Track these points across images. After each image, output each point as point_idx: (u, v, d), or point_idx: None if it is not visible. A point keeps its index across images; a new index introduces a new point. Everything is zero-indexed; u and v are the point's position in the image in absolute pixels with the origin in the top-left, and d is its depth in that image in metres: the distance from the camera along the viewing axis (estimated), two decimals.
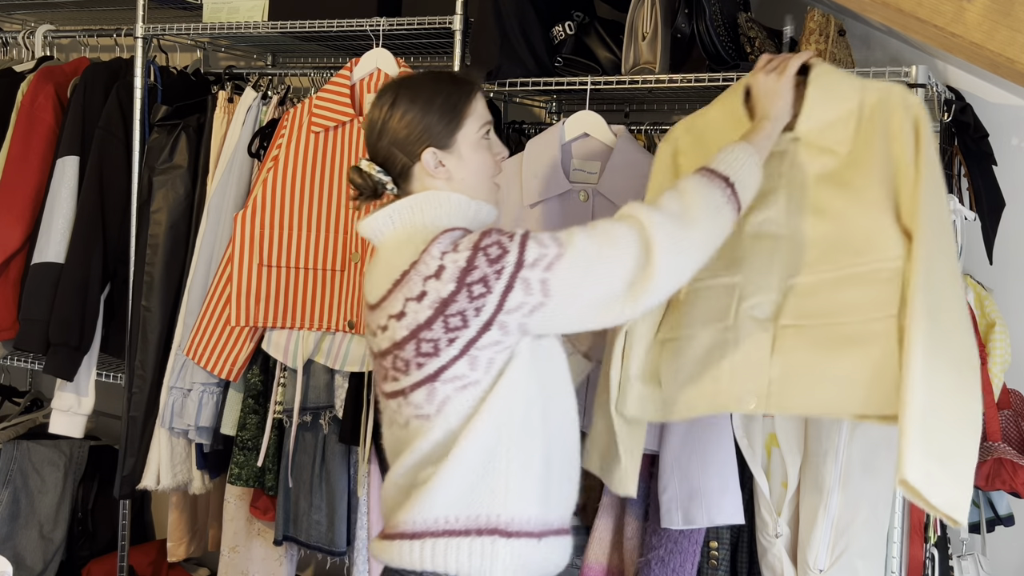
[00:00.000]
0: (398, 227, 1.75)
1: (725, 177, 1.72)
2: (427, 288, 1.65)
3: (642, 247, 1.64)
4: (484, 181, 1.80)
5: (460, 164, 1.76)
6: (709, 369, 1.92)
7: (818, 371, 1.84)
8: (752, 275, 1.92)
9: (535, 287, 1.63)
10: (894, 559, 2.07)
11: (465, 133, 1.76)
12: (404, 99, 1.76)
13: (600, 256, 1.64)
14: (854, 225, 1.87)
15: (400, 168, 1.77)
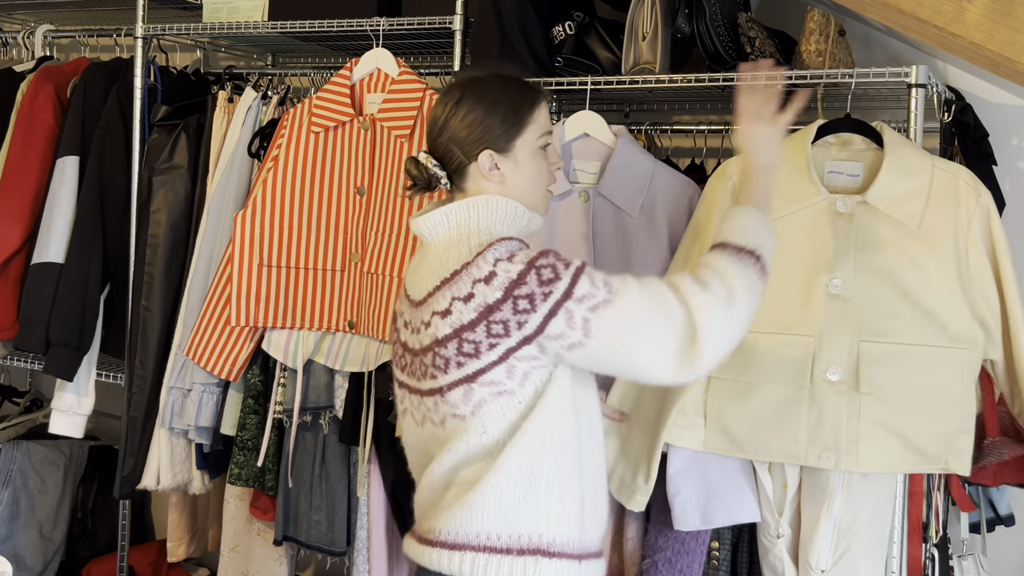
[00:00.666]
0: (452, 227, 1.76)
1: (752, 251, 1.74)
2: (475, 291, 1.67)
3: (688, 325, 1.65)
4: (537, 189, 1.81)
5: (515, 169, 1.78)
6: (786, 424, 2.04)
7: (894, 437, 2.00)
8: (824, 337, 2.02)
9: (577, 323, 1.64)
10: (894, 559, 2.07)
11: (524, 140, 1.77)
12: (470, 98, 1.77)
13: (649, 317, 1.65)
14: (924, 302, 2.00)
15: (456, 165, 1.79)
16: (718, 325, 1.65)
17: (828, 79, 2.17)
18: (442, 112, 1.79)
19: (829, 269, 2.03)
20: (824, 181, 2.10)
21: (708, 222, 2.12)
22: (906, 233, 2.01)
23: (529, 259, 1.66)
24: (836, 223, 2.04)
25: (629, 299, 1.65)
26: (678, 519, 2.10)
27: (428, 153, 1.80)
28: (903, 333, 2.00)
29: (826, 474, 2.05)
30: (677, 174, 2.28)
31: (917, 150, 2.07)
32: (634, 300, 1.65)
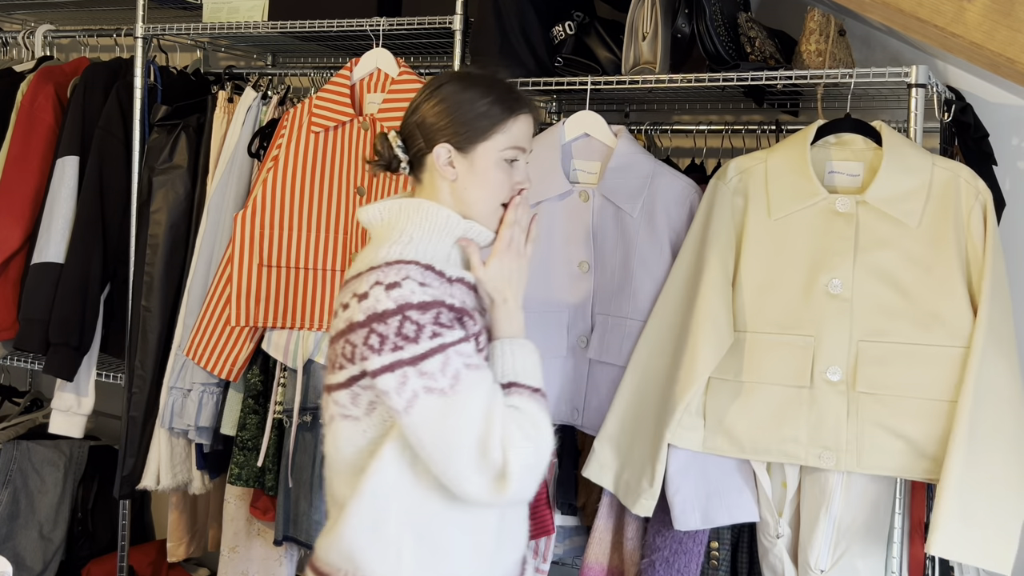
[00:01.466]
0: (385, 223, 1.75)
1: (541, 390, 1.70)
2: (351, 302, 1.64)
3: (499, 472, 1.58)
4: (488, 200, 1.75)
5: (470, 172, 1.74)
6: (786, 424, 2.04)
7: (895, 439, 1.99)
8: (824, 337, 2.03)
9: (406, 393, 1.58)
10: (894, 559, 2.07)
11: (489, 146, 1.73)
12: (449, 89, 1.75)
13: (468, 439, 1.58)
14: (926, 302, 1.99)
15: (416, 151, 1.76)
16: (528, 467, 1.60)
17: (828, 79, 2.17)
18: (421, 95, 1.78)
19: (829, 269, 2.03)
20: (824, 181, 2.10)
21: (710, 224, 2.12)
22: (906, 233, 2.01)
23: (404, 303, 1.59)
24: (836, 223, 2.04)
25: (463, 407, 1.58)
26: (678, 519, 2.10)
27: (398, 132, 1.79)
28: (903, 333, 1.99)
29: (825, 474, 2.05)
30: (677, 174, 2.28)
31: (917, 149, 2.07)
32: (467, 414, 1.58)
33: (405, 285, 1.60)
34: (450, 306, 1.63)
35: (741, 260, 2.11)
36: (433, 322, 1.59)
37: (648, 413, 2.14)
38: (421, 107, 1.76)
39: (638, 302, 2.20)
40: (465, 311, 1.66)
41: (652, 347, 2.15)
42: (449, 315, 1.62)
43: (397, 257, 1.64)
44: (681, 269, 2.15)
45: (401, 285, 1.60)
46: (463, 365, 1.60)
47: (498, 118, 1.73)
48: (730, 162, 2.16)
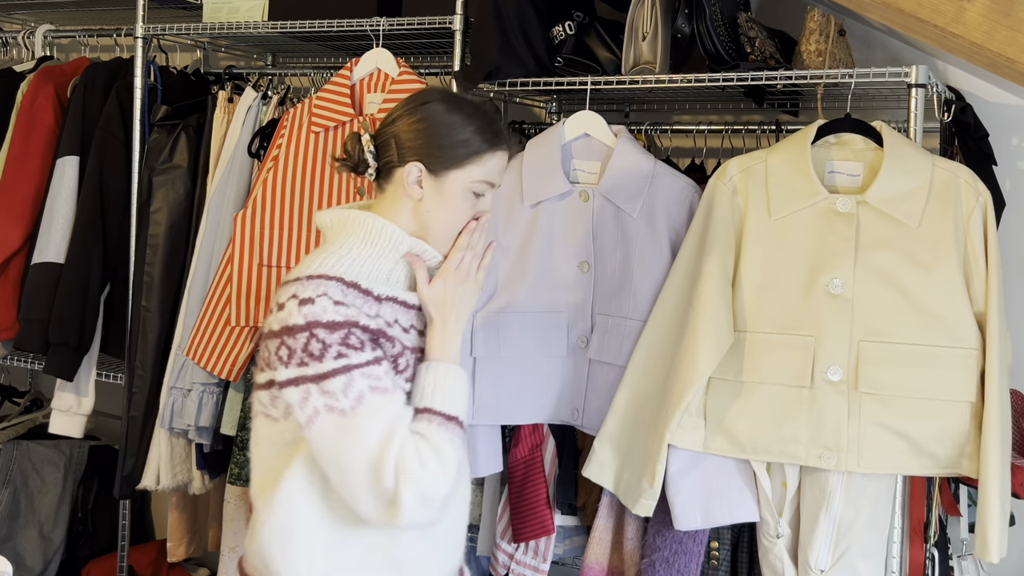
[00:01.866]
0: (332, 231, 1.75)
1: (457, 418, 1.69)
2: (272, 307, 1.65)
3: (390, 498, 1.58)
4: (447, 227, 1.75)
5: (436, 197, 1.73)
6: (787, 424, 2.04)
7: (896, 438, 2.00)
8: (824, 337, 2.03)
9: (308, 409, 1.59)
10: (894, 559, 2.07)
11: (461, 175, 1.72)
12: (434, 108, 1.73)
13: (361, 462, 1.58)
14: (926, 302, 2.00)
15: (386, 161, 1.75)
16: (421, 497, 1.58)
17: (828, 79, 2.17)
18: (404, 107, 1.76)
19: (829, 269, 2.03)
20: (824, 181, 2.10)
21: (709, 224, 2.12)
22: (906, 233, 2.01)
23: (313, 320, 1.58)
24: (836, 223, 2.04)
25: (362, 430, 1.57)
26: (678, 518, 2.10)
27: (372, 137, 1.78)
28: (904, 333, 2.00)
29: (825, 474, 2.05)
30: (677, 174, 2.28)
31: (917, 150, 2.07)
32: (364, 437, 1.57)
33: (318, 302, 1.60)
34: (364, 327, 1.62)
35: (741, 260, 2.11)
36: (340, 342, 1.58)
37: (648, 413, 2.14)
38: (402, 120, 1.74)
39: (638, 302, 2.20)
40: (382, 333, 1.64)
41: (652, 347, 2.15)
42: (361, 336, 1.61)
43: (321, 272, 1.63)
44: (680, 269, 2.15)
45: (314, 302, 1.60)
46: (368, 387, 1.59)
47: (476, 149, 1.72)
48: (730, 162, 2.16)
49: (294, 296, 1.61)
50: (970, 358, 1.98)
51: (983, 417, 1.96)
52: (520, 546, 2.35)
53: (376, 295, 1.66)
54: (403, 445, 1.59)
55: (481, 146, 1.73)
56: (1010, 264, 2.44)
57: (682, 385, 2.05)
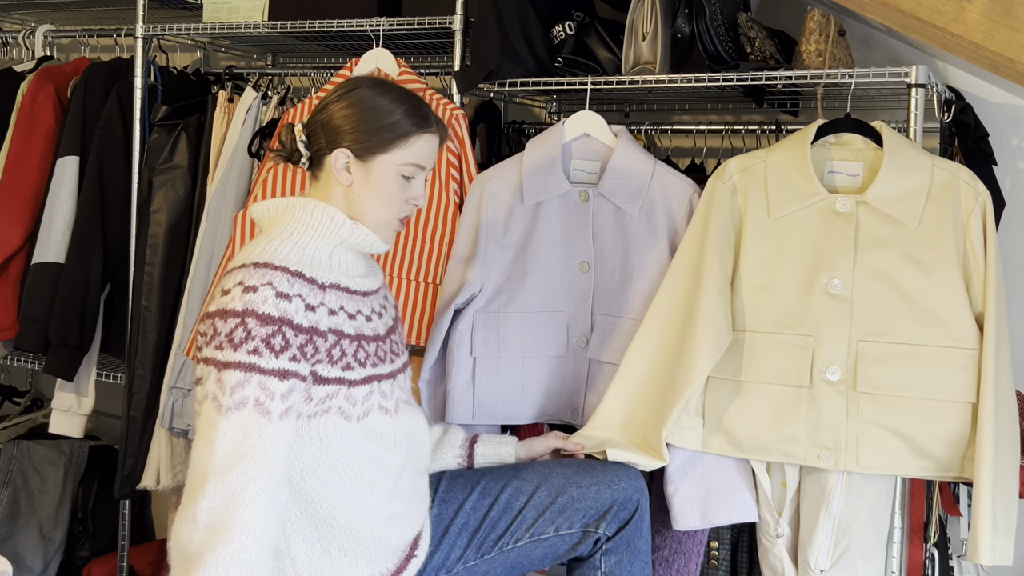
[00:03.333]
0: (271, 219, 1.75)
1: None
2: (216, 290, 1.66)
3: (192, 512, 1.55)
4: (380, 211, 1.76)
5: (365, 182, 1.75)
6: (785, 423, 2.04)
7: (895, 438, 2.00)
8: (823, 337, 2.03)
9: (203, 390, 1.60)
10: (894, 559, 2.07)
11: (387, 159, 1.74)
12: (360, 94, 1.75)
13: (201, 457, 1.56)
14: (925, 302, 2.00)
15: (317, 149, 1.77)
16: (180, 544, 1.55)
17: (828, 79, 2.17)
18: (332, 94, 1.78)
19: (829, 269, 2.03)
20: (824, 181, 2.11)
21: (708, 223, 2.12)
22: (906, 233, 2.01)
23: (251, 309, 1.58)
24: (836, 223, 2.04)
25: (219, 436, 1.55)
26: (677, 518, 2.10)
27: (304, 126, 1.79)
28: (903, 333, 2.00)
29: (825, 474, 2.05)
30: (677, 174, 2.28)
31: (917, 150, 2.07)
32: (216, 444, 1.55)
33: (261, 291, 1.60)
34: (297, 326, 1.61)
35: (740, 260, 2.11)
36: (263, 339, 1.58)
37: (642, 412, 2.13)
38: (330, 107, 1.76)
39: (638, 302, 2.20)
40: (315, 330, 1.64)
41: (648, 345, 2.15)
42: (289, 337, 1.60)
43: (267, 259, 1.64)
44: (679, 268, 2.15)
45: (257, 291, 1.60)
46: (254, 400, 1.57)
47: (403, 133, 1.74)
48: (729, 161, 2.16)
49: (240, 283, 1.61)
50: (969, 359, 1.98)
51: (979, 418, 1.95)
52: None
53: (320, 283, 1.67)
54: (245, 476, 1.54)
55: (408, 129, 1.74)
56: (1010, 264, 2.44)
57: (680, 384, 2.05)
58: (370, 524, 1.73)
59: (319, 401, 1.66)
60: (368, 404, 1.71)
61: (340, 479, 1.70)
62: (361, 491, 1.72)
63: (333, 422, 1.68)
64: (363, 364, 1.71)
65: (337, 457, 1.70)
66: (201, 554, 1.52)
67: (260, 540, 1.54)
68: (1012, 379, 2.00)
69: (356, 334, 1.71)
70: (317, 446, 1.68)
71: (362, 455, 1.72)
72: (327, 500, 1.69)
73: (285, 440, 1.59)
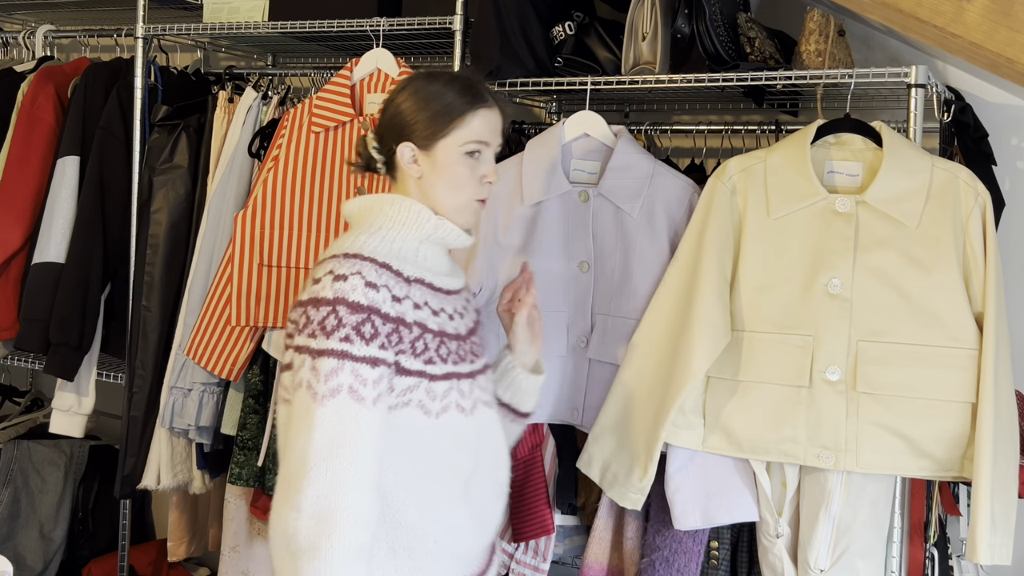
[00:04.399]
0: (360, 214, 1.79)
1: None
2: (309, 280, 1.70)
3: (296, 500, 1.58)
4: (453, 195, 1.77)
5: (433, 170, 1.76)
6: (785, 423, 2.04)
7: (894, 438, 2.00)
8: (823, 337, 2.03)
9: (297, 377, 1.61)
10: (894, 559, 2.07)
11: (449, 142, 1.75)
12: (412, 89, 1.78)
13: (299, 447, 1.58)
14: (925, 302, 2.00)
15: (387, 150, 1.80)
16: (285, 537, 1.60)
17: (828, 79, 2.17)
18: (391, 96, 1.81)
19: (829, 269, 2.03)
20: (823, 181, 2.11)
21: (707, 223, 2.12)
22: (905, 233, 2.02)
23: (341, 297, 1.61)
24: (835, 223, 2.04)
25: (316, 424, 1.57)
26: (678, 518, 2.10)
27: (374, 133, 1.82)
28: (902, 333, 2.00)
29: (825, 474, 2.05)
30: (677, 174, 2.28)
31: (916, 150, 2.07)
32: (313, 432, 1.57)
33: (351, 280, 1.63)
34: (385, 315, 1.64)
35: (740, 259, 2.11)
36: (354, 326, 1.61)
37: (641, 409, 2.13)
38: (389, 107, 1.80)
39: (638, 302, 2.20)
40: (402, 320, 1.66)
41: (647, 344, 2.15)
42: (378, 326, 1.62)
43: (356, 250, 1.68)
44: (677, 267, 2.15)
45: (347, 279, 1.63)
46: (348, 387, 1.59)
47: (456, 114, 1.75)
48: (729, 161, 2.16)
49: (330, 272, 1.65)
50: (969, 359, 1.98)
51: (978, 418, 1.95)
52: (520, 546, 2.35)
53: (406, 276, 1.70)
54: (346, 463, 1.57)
55: (462, 108, 1.75)
56: (1010, 264, 2.44)
57: (678, 383, 2.05)
58: (434, 526, 1.72)
59: (400, 392, 1.68)
60: (446, 401, 1.72)
61: (415, 474, 1.71)
62: (432, 490, 1.72)
63: (413, 415, 1.69)
64: (444, 360, 1.73)
65: (414, 451, 1.71)
66: (314, 545, 1.55)
67: (367, 525, 1.58)
68: (1012, 379, 2.00)
69: (439, 330, 1.74)
70: (397, 438, 1.69)
71: (437, 453, 1.72)
72: (399, 495, 1.70)
73: (379, 425, 1.63)
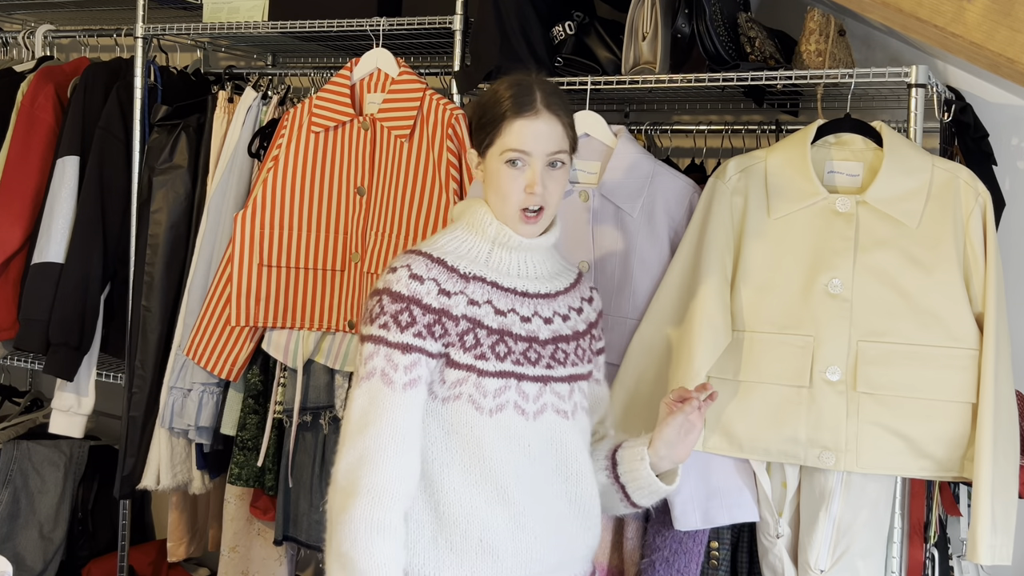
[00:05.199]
0: (452, 217, 1.87)
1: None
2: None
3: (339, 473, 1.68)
4: (500, 203, 1.78)
5: (487, 177, 1.80)
6: (786, 424, 2.04)
7: (895, 438, 1.99)
8: (824, 337, 2.03)
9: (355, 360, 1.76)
10: (894, 559, 2.07)
11: (493, 150, 1.78)
12: (480, 94, 1.88)
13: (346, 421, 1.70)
14: (925, 302, 2.00)
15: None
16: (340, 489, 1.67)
17: (828, 79, 2.17)
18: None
19: (829, 269, 2.03)
20: (824, 181, 2.10)
21: (708, 223, 2.12)
22: (906, 233, 2.01)
23: (386, 288, 1.71)
24: (836, 223, 2.04)
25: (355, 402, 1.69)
26: (678, 518, 2.10)
27: None
28: (903, 333, 2.00)
29: (825, 474, 2.05)
30: (677, 174, 2.28)
31: (917, 150, 2.07)
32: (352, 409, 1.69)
33: (398, 272, 1.72)
34: (426, 306, 1.69)
35: (740, 259, 2.11)
36: (392, 315, 1.69)
37: (641, 411, 2.13)
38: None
39: (638, 302, 2.20)
40: (446, 312, 1.70)
41: (647, 345, 2.15)
42: (416, 315, 1.70)
43: (418, 248, 1.77)
44: (677, 267, 2.15)
45: (396, 271, 1.72)
46: (380, 370, 1.68)
47: (499, 122, 1.77)
48: (729, 161, 2.16)
49: (391, 265, 1.75)
50: (969, 359, 1.98)
51: (978, 418, 1.95)
52: None
53: (463, 273, 1.74)
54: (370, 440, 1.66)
55: (503, 116, 1.77)
56: (1010, 264, 2.44)
57: (678, 383, 2.05)
58: (479, 526, 1.71)
59: (451, 385, 1.72)
60: (502, 399, 1.73)
61: (462, 469, 1.72)
62: (480, 487, 1.72)
63: (464, 409, 1.72)
64: (501, 359, 1.74)
65: (463, 446, 1.72)
66: (337, 515, 1.64)
67: (386, 502, 1.63)
68: (1012, 379, 2.00)
69: (499, 328, 1.75)
70: (447, 430, 1.72)
71: (489, 451, 1.72)
72: (445, 487, 1.71)
73: (409, 409, 1.69)
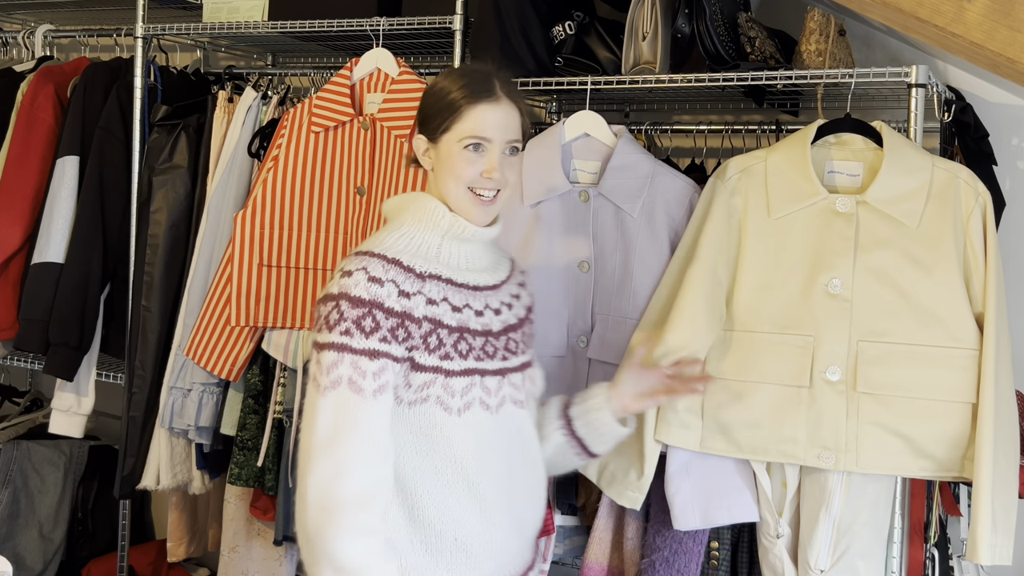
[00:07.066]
0: (389, 214, 1.83)
1: None
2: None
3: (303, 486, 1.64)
4: (450, 186, 1.77)
5: (438, 162, 1.79)
6: (785, 424, 2.04)
7: (895, 438, 1.99)
8: (823, 338, 2.03)
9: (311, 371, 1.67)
10: (894, 559, 2.07)
11: (449, 136, 1.77)
12: (432, 82, 1.83)
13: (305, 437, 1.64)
14: (925, 302, 2.00)
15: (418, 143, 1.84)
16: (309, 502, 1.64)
17: (828, 79, 2.17)
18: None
19: (829, 269, 2.03)
20: (824, 181, 2.11)
21: (706, 223, 2.12)
22: (906, 233, 2.01)
23: (344, 292, 1.66)
24: (836, 223, 2.04)
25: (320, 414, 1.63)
26: (678, 518, 2.10)
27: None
28: (903, 333, 2.00)
29: (825, 474, 2.05)
30: (677, 174, 2.28)
31: (917, 150, 2.07)
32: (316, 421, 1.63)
33: (355, 276, 1.67)
34: (388, 309, 1.66)
35: (740, 259, 2.11)
36: (355, 320, 1.65)
37: None
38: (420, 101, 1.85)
39: (638, 302, 2.20)
40: (408, 315, 1.68)
41: None
42: (380, 319, 1.65)
43: (367, 248, 1.72)
44: (675, 267, 2.15)
45: (352, 275, 1.67)
46: (348, 379, 1.64)
47: (457, 107, 1.76)
48: (729, 161, 2.16)
49: (341, 270, 1.70)
50: (969, 359, 1.98)
51: (978, 418, 1.95)
52: None
53: (419, 272, 1.72)
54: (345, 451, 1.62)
55: (461, 102, 1.76)
56: (1010, 264, 2.44)
57: None
58: (453, 525, 1.73)
59: (418, 388, 1.70)
60: (468, 397, 1.73)
61: (434, 471, 1.72)
62: (452, 489, 1.72)
63: (433, 412, 1.71)
64: (464, 356, 1.73)
65: (433, 448, 1.72)
66: (319, 531, 1.60)
67: (368, 507, 1.62)
68: (1012, 379, 2.00)
69: (458, 326, 1.74)
70: (416, 433, 1.71)
71: (460, 451, 1.72)
72: (418, 491, 1.71)
73: (381, 415, 1.66)
